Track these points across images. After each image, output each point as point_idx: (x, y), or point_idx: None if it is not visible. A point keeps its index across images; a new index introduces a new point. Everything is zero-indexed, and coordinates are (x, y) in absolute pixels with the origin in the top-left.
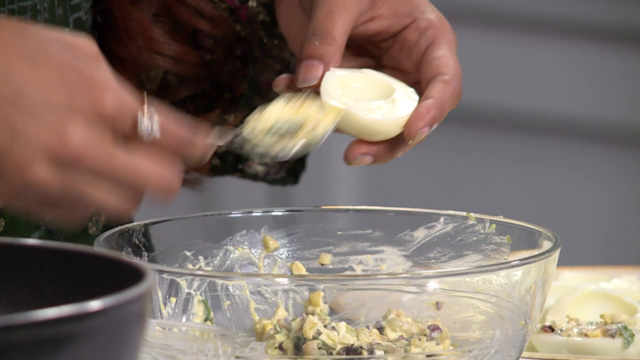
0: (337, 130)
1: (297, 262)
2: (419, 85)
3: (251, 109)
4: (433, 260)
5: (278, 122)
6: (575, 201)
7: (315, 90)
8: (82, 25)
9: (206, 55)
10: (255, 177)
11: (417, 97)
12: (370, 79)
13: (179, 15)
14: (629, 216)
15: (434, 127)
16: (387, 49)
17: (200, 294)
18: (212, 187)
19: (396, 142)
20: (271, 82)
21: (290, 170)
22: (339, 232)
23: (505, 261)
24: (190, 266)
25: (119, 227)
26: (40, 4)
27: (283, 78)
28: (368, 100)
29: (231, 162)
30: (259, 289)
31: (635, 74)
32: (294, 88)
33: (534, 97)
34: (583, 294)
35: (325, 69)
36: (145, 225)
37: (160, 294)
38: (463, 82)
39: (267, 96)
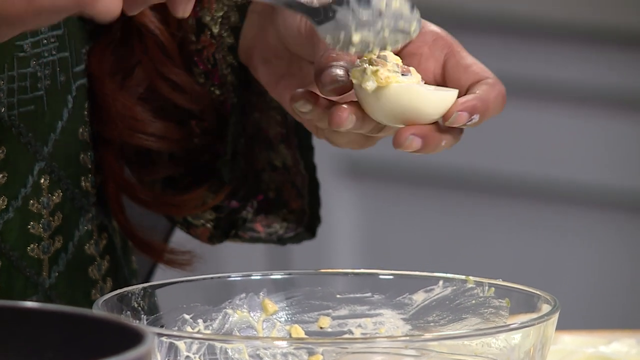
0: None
1: (296, 326)
2: None
3: (238, 178)
4: (432, 324)
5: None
6: (574, 265)
7: None
8: (86, 92)
9: (196, 128)
10: (261, 240)
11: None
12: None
13: (160, 89)
14: (628, 280)
15: (475, 119)
16: None
17: (199, 357)
18: (210, 250)
19: (443, 127)
20: (279, 135)
21: (307, 225)
22: (338, 296)
23: (504, 324)
24: (189, 329)
25: (118, 291)
26: (42, 71)
27: (300, 92)
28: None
29: (224, 228)
30: (257, 352)
31: (632, 139)
32: (312, 101)
33: (532, 162)
34: (582, 358)
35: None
36: (145, 288)
37: (159, 357)
38: (461, 146)
39: (279, 150)
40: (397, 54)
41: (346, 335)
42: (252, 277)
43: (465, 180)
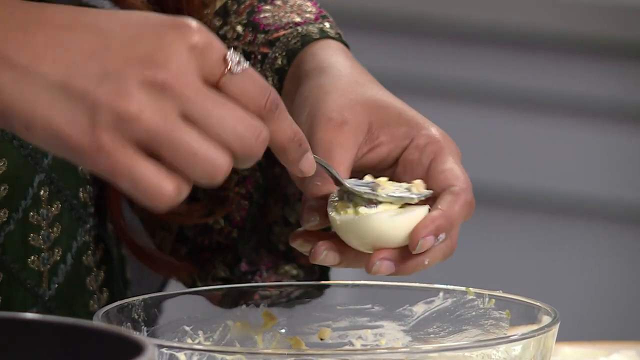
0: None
1: (297, 337)
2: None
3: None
4: (432, 335)
5: None
6: (574, 276)
7: None
8: None
9: None
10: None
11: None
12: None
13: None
14: (628, 291)
15: (442, 237)
16: (391, 174)
17: None
18: None
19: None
20: (298, 193)
21: (317, 283)
22: (339, 307)
23: (504, 336)
24: (189, 341)
25: (118, 302)
26: None
27: (298, 233)
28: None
29: (234, 296)
30: None
31: (632, 151)
32: (310, 240)
33: (532, 174)
34: None
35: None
36: (145, 300)
37: None
38: (465, 158)
39: (296, 207)
40: (393, 163)
41: (346, 347)
42: (253, 288)
43: None
